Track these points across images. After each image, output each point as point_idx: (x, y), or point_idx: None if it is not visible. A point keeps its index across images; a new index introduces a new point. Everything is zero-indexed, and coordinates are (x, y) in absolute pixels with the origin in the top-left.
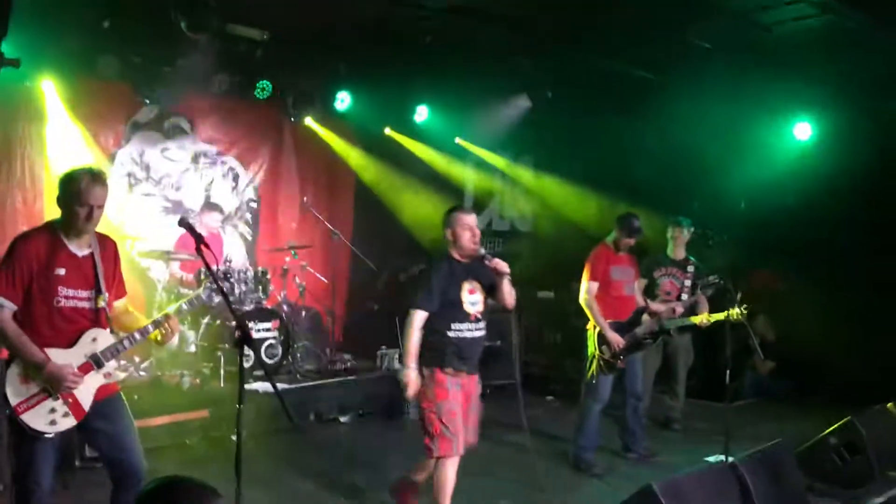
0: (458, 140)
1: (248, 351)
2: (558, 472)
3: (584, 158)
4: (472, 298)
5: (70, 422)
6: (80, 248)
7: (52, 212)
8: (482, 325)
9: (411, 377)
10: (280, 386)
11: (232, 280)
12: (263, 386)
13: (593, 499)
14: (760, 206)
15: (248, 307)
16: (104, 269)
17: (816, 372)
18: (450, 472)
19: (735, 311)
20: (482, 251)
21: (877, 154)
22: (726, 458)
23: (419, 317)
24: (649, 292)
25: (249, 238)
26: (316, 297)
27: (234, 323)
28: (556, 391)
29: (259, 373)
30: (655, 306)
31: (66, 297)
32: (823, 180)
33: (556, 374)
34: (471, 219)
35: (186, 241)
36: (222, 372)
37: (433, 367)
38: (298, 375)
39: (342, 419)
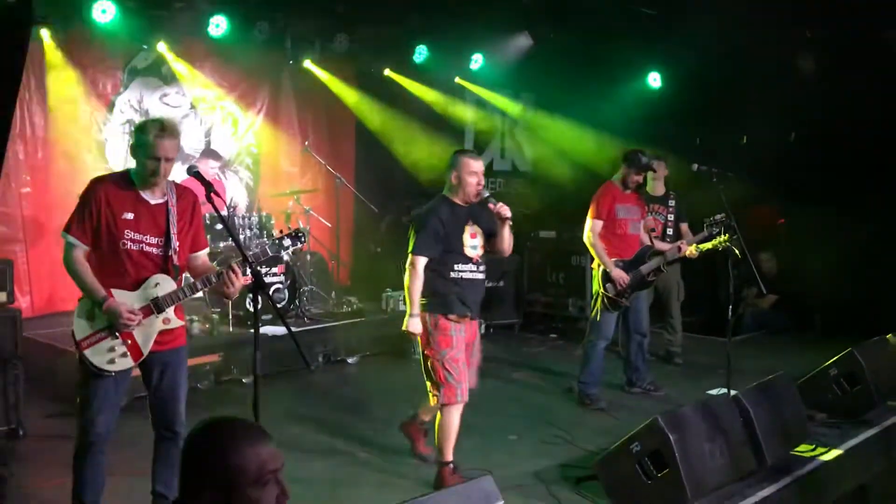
0: (457, 80)
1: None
2: (564, 408)
3: (585, 97)
4: (473, 242)
5: (128, 362)
6: (153, 196)
7: (56, 161)
8: (483, 268)
9: (416, 327)
10: None
11: (237, 227)
12: (272, 329)
13: (600, 432)
14: (763, 141)
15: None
16: (178, 219)
17: (817, 305)
18: (454, 419)
19: (722, 240)
20: (486, 193)
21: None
22: (728, 391)
23: (421, 263)
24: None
25: (251, 183)
26: (320, 241)
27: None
28: (558, 329)
29: (267, 316)
30: (660, 245)
31: (133, 241)
32: (829, 115)
33: (559, 312)
34: (478, 164)
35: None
36: (230, 317)
37: (437, 314)
38: (306, 319)
39: (350, 360)
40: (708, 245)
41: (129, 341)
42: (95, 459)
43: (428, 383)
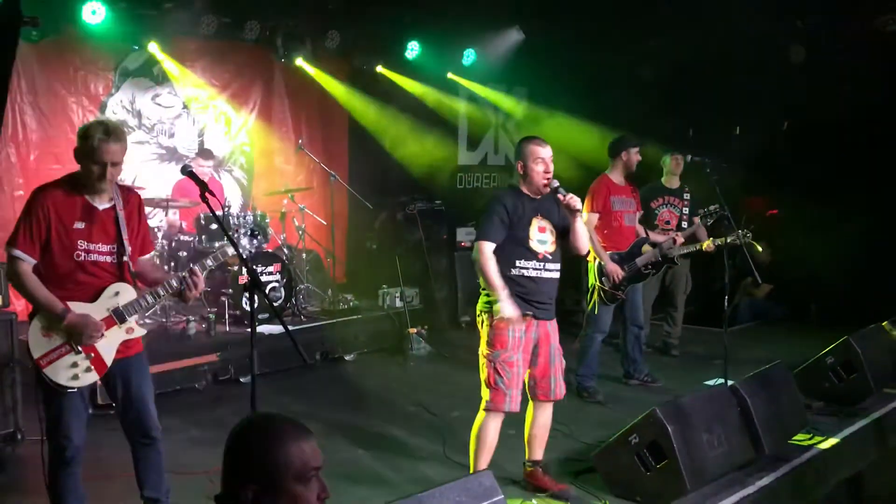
0: (450, 75)
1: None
2: (561, 401)
3: (579, 88)
4: (541, 236)
5: (92, 377)
6: (101, 202)
7: (48, 164)
8: (552, 266)
9: (508, 311)
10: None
11: (232, 226)
12: (269, 328)
13: (598, 424)
14: (755, 131)
15: (250, 252)
16: (127, 223)
17: (811, 294)
18: (491, 426)
19: (741, 234)
20: (556, 184)
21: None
22: (725, 382)
23: (488, 248)
24: (647, 223)
25: (245, 182)
26: (315, 239)
27: (237, 268)
28: None
29: (264, 315)
30: (656, 237)
31: (87, 251)
32: (818, 103)
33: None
34: (545, 151)
35: (183, 188)
36: (227, 317)
37: (493, 310)
38: (302, 317)
39: (347, 358)
40: (725, 239)
41: (93, 354)
42: (75, 474)
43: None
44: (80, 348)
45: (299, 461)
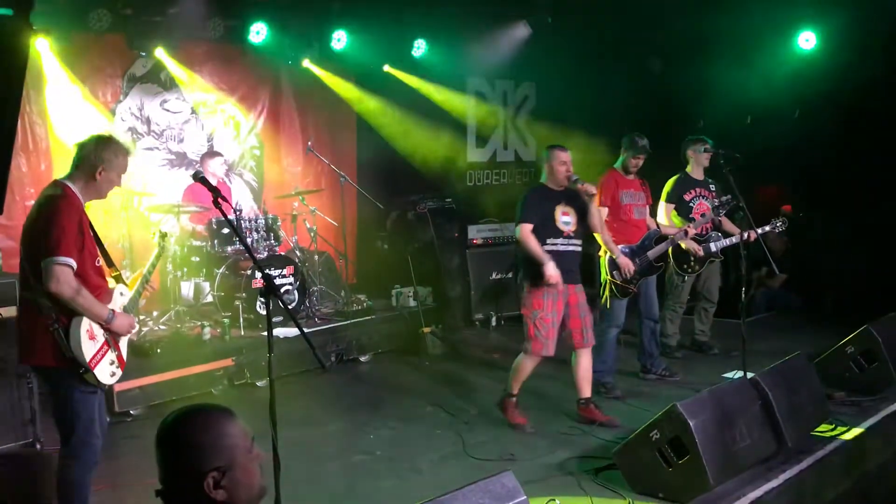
0: (456, 72)
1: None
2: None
3: (586, 85)
4: (565, 219)
5: (120, 373)
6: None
7: (59, 173)
8: (575, 241)
9: (552, 271)
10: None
11: (244, 230)
12: (284, 332)
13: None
14: (767, 120)
15: (263, 255)
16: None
17: (827, 284)
18: (529, 365)
19: (779, 223)
20: (575, 176)
21: (883, 64)
22: (744, 374)
23: (526, 228)
24: (684, 216)
25: (255, 185)
26: (327, 241)
27: (250, 272)
28: None
29: (278, 318)
30: (667, 229)
31: (97, 256)
32: (830, 92)
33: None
34: (566, 155)
35: (194, 193)
36: (242, 320)
37: (531, 279)
38: (316, 319)
39: (362, 359)
40: (766, 227)
41: (118, 352)
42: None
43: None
44: (114, 345)
45: (243, 435)
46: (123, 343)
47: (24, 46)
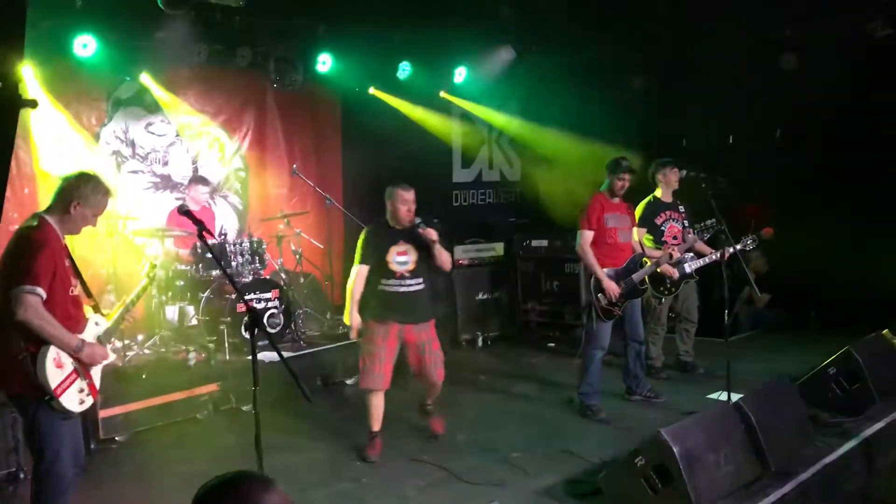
0: (442, 94)
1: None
2: (565, 420)
3: (570, 103)
4: (400, 259)
5: (90, 400)
6: (63, 240)
7: (43, 196)
8: (412, 281)
9: (354, 320)
10: (285, 354)
11: (228, 253)
12: (269, 356)
13: (603, 444)
14: (748, 139)
15: (247, 279)
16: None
17: (810, 300)
18: (372, 400)
19: (749, 241)
20: (417, 220)
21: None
22: (729, 395)
23: (355, 271)
24: (656, 239)
25: (241, 207)
26: (312, 263)
27: (234, 296)
28: (555, 338)
29: (264, 342)
30: (651, 252)
31: (73, 286)
32: (811, 109)
33: (555, 321)
34: (409, 195)
35: (178, 218)
36: (227, 344)
37: (364, 316)
38: (301, 342)
39: (348, 382)
40: (738, 246)
41: (88, 380)
42: (68, 502)
43: None
44: (84, 374)
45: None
46: (96, 371)
47: (12, 120)
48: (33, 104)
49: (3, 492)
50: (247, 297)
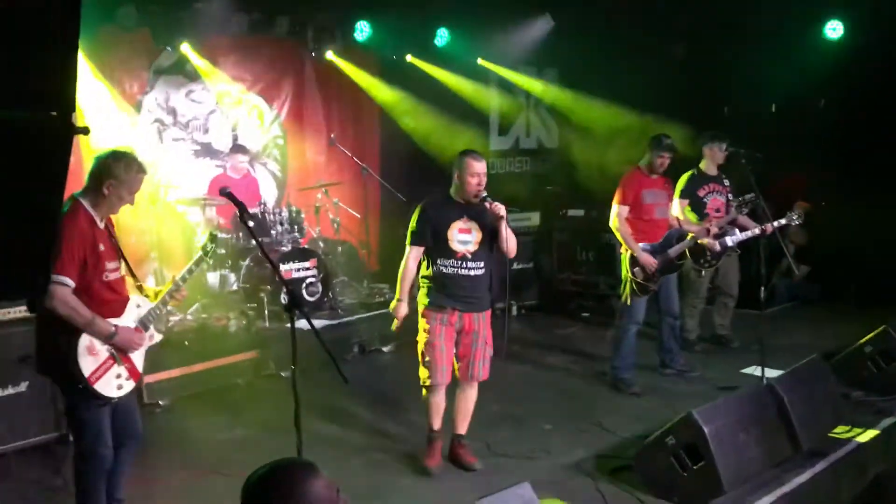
0: (480, 61)
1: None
2: (598, 393)
3: (610, 72)
4: (462, 237)
5: (131, 384)
6: (101, 222)
7: (88, 165)
8: (473, 264)
9: (400, 310)
10: (322, 322)
11: (268, 223)
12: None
13: (635, 417)
14: (791, 108)
15: (286, 248)
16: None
17: (849, 274)
18: (434, 397)
19: (796, 215)
20: (484, 194)
21: None
22: (763, 370)
23: (407, 252)
24: (698, 212)
25: (279, 175)
26: (349, 231)
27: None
28: (590, 308)
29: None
30: (690, 226)
31: (110, 271)
32: (855, 79)
33: (590, 291)
34: (481, 166)
35: (220, 185)
36: (266, 312)
37: (420, 306)
38: (339, 311)
39: (384, 349)
40: (783, 220)
41: (128, 365)
42: (104, 478)
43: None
44: (121, 359)
45: (327, 491)
46: (139, 354)
47: (66, 149)
48: (86, 131)
49: (56, 454)
50: (286, 267)
